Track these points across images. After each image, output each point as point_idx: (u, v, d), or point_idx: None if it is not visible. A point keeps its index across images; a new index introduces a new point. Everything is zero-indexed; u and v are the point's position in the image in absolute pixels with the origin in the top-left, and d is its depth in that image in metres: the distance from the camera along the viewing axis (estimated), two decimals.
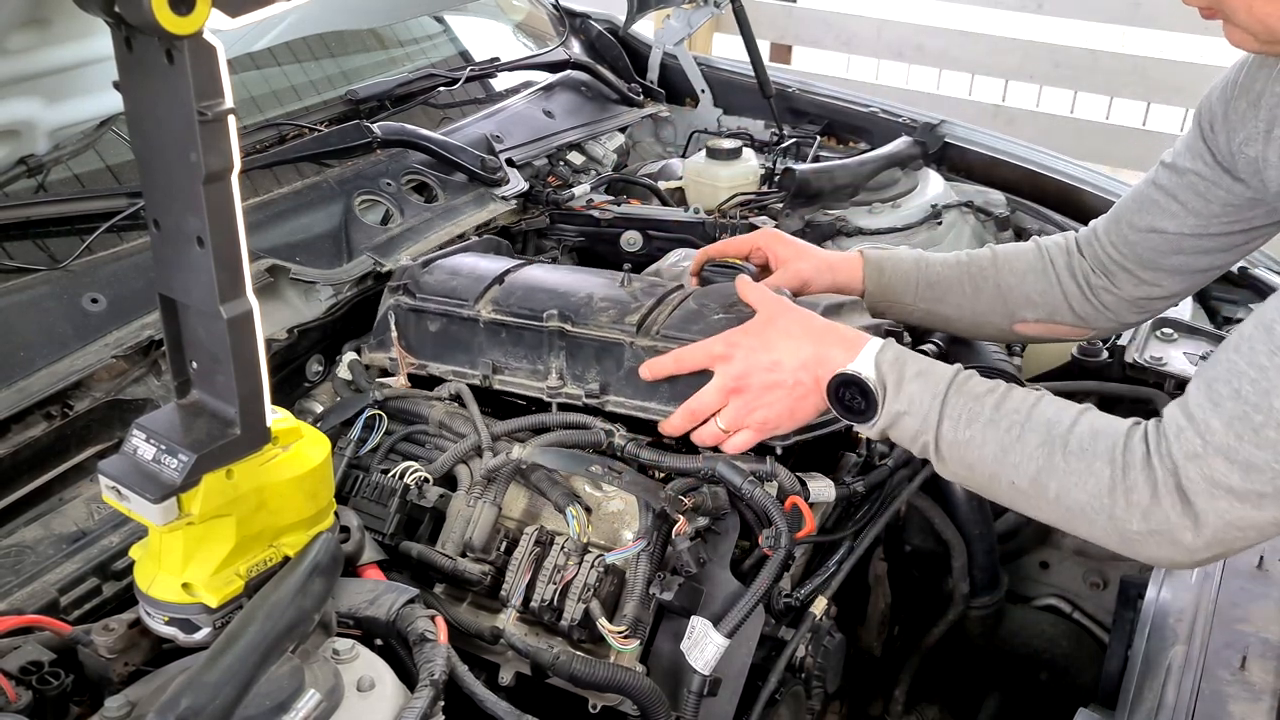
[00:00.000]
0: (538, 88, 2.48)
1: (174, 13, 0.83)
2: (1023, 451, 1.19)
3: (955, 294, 1.64)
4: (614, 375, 1.50)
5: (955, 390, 1.24)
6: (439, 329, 1.61)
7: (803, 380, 1.32)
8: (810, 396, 1.33)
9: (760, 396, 1.34)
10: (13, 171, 1.56)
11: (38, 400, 1.34)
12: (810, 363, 1.32)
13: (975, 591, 1.89)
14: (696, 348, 1.40)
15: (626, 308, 1.52)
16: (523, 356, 1.56)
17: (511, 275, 1.63)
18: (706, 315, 1.49)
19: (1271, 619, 1.30)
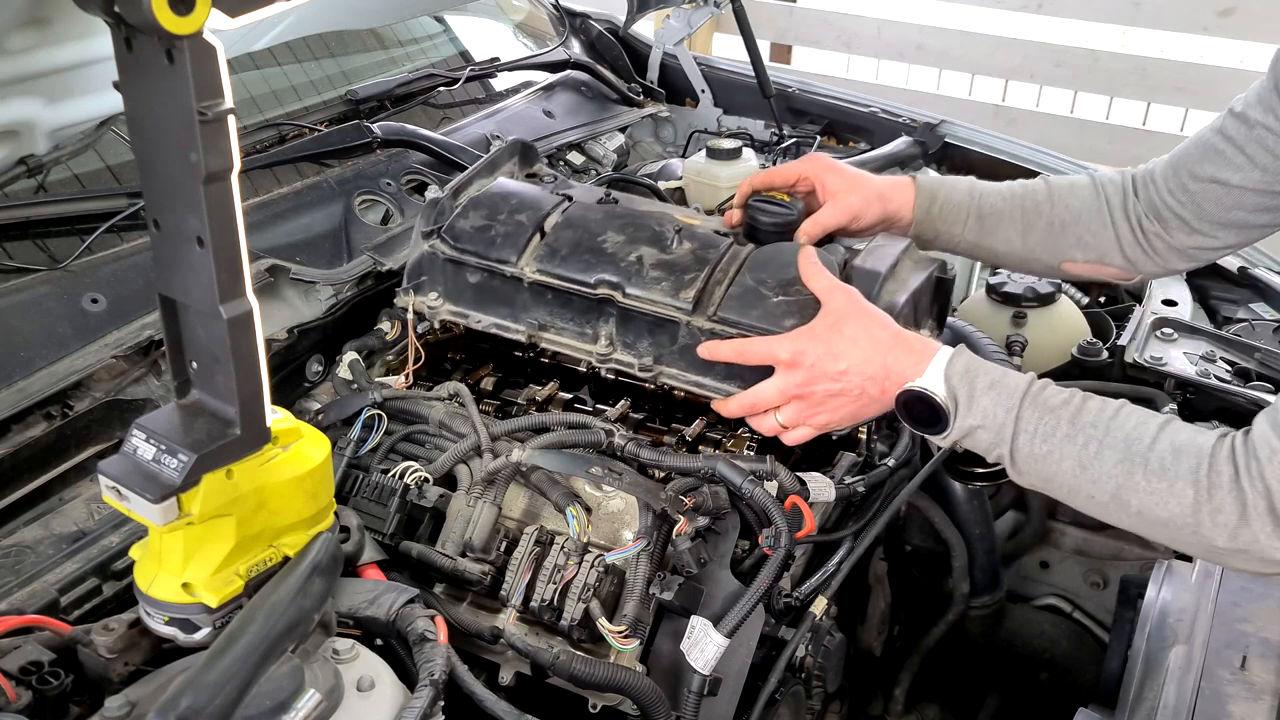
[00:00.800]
0: (538, 88, 2.48)
1: (174, 13, 0.83)
2: (1101, 468, 1.17)
3: (1006, 228, 1.59)
4: (667, 349, 1.46)
5: (1029, 403, 1.21)
6: (479, 281, 1.56)
7: (869, 391, 1.31)
8: (875, 404, 1.32)
9: (824, 403, 1.33)
10: (13, 171, 1.56)
11: (38, 400, 1.34)
12: (878, 375, 1.29)
13: (975, 591, 1.89)
14: (761, 346, 1.37)
15: (681, 279, 1.47)
16: (570, 319, 1.52)
17: (553, 224, 1.57)
18: (765, 297, 1.44)
19: (1272, 619, 1.30)
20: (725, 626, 1.27)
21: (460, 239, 1.57)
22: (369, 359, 1.75)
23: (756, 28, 2.75)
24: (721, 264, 1.49)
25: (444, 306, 1.61)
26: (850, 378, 1.30)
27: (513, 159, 1.85)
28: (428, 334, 1.82)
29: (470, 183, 1.72)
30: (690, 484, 1.40)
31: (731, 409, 1.40)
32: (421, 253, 1.61)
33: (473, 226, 1.59)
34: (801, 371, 1.32)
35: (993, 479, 1.69)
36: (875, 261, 1.52)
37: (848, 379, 1.30)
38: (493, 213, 1.61)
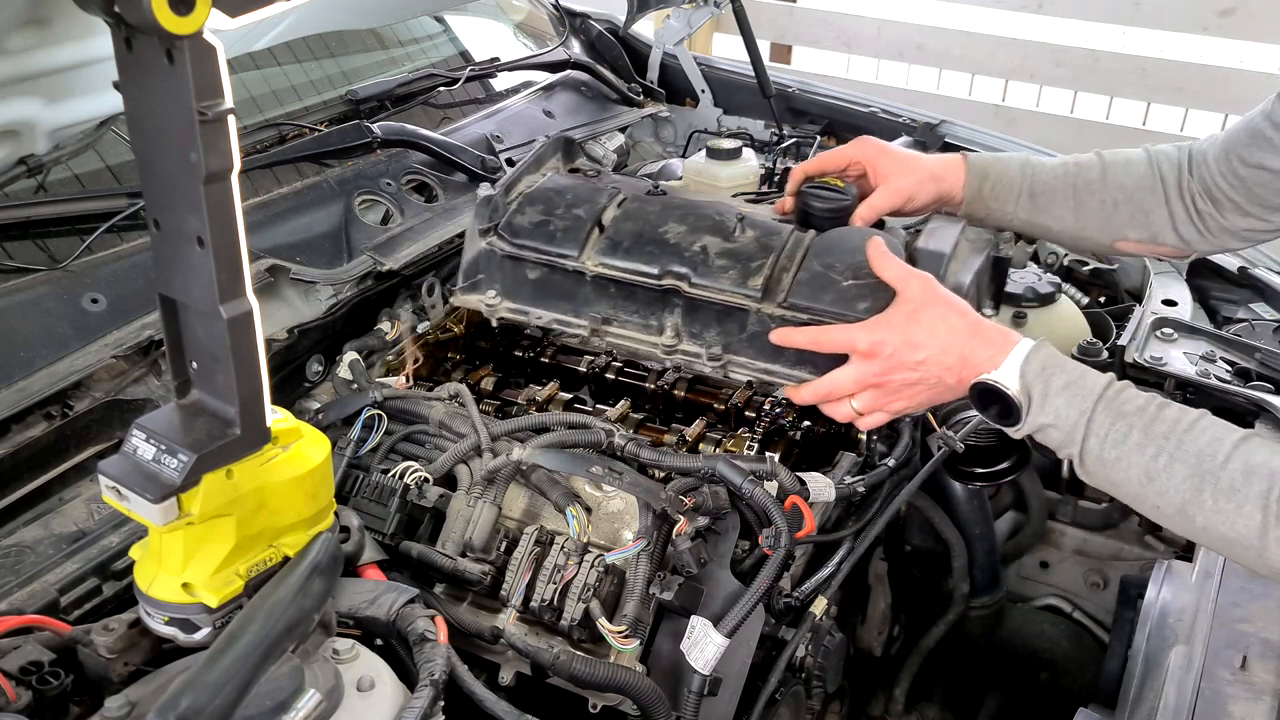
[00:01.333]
0: (538, 88, 2.48)
1: (174, 13, 0.83)
2: (1169, 481, 1.15)
3: (1059, 205, 1.58)
4: (736, 337, 1.44)
5: (1104, 407, 1.19)
6: (540, 277, 1.54)
7: (945, 380, 1.30)
8: (951, 392, 1.31)
9: (900, 391, 1.32)
10: (13, 171, 1.56)
11: (38, 400, 1.34)
12: (955, 365, 1.28)
13: (975, 591, 1.89)
14: (837, 334, 1.36)
15: (748, 267, 1.45)
16: (634, 311, 1.50)
17: (612, 217, 1.55)
18: (836, 282, 1.42)
19: (1272, 619, 1.29)
20: (725, 626, 1.27)
21: (519, 234, 1.55)
22: (369, 359, 1.75)
23: (756, 28, 2.75)
24: (786, 250, 1.46)
25: (502, 304, 1.59)
26: (928, 367, 1.29)
27: (556, 154, 1.85)
28: (428, 334, 1.82)
29: (519, 180, 1.71)
30: (690, 484, 1.40)
31: (805, 396, 1.39)
32: (478, 250, 1.59)
33: (530, 222, 1.56)
34: (879, 361, 1.31)
35: (993, 479, 1.69)
36: (938, 243, 1.49)
37: (925, 368, 1.29)
38: (549, 208, 1.59)
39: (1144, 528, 2.04)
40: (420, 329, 1.80)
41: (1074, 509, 2.06)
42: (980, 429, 1.60)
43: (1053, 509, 2.07)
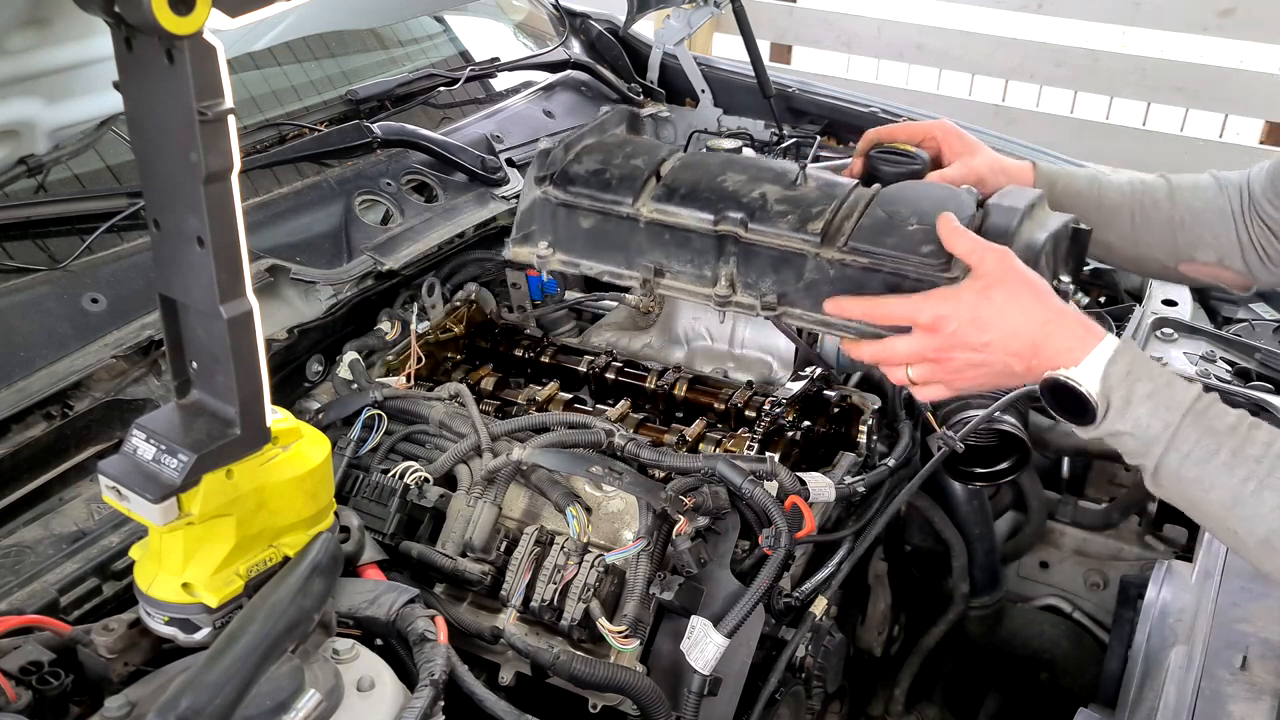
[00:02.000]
0: (538, 88, 2.48)
1: (174, 13, 0.83)
2: (1256, 509, 1.08)
3: (1123, 222, 1.53)
4: (793, 286, 1.38)
5: (1192, 422, 1.11)
6: (593, 226, 1.50)
7: (1012, 365, 1.20)
8: (1017, 378, 1.22)
9: (961, 371, 1.23)
10: (13, 171, 1.56)
11: (38, 400, 1.34)
12: (1026, 352, 1.18)
13: (975, 591, 1.89)
14: (896, 306, 1.27)
15: (808, 212, 1.39)
16: (688, 260, 1.44)
17: (671, 166, 1.52)
18: (899, 225, 1.35)
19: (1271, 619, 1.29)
20: (725, 626, 1.27)
21: (574, 183, 1.51)
22: (369, 359, 1.75)
23: (756, 28, 2.75)
24: (849, 200, 1.41)
25: (555, 256, 1.54)
26: (993, 350, 1.19)
27: (621, 124, 1.82)
28: (428, 334, 1.82)
29: (579, 141, 1.70)
30: (690, 484, 1.40)
31: (863, 354, 1.31)
32: (532, 200, 1.54)
33: (587, 170, 1.52)
34: (940, 337, 1.21)
35: (993, 479, 1.69)
36: (1013, 199, 1.42)
37: (990, 351, 1.20)
38: (607, 159, 1.54)
39: (1144, 528, 2.04)
40: (420, 329, 1.80)
41: (1074, 509, 2.06)
42: (980, 429, 1.60)
43: (1053, 509, 2.07)
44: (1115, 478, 2.14)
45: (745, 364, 1.84)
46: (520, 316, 2.03)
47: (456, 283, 1.97)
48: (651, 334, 1.94)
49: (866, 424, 1.71)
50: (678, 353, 1.89)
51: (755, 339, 1.84)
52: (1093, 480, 2.15)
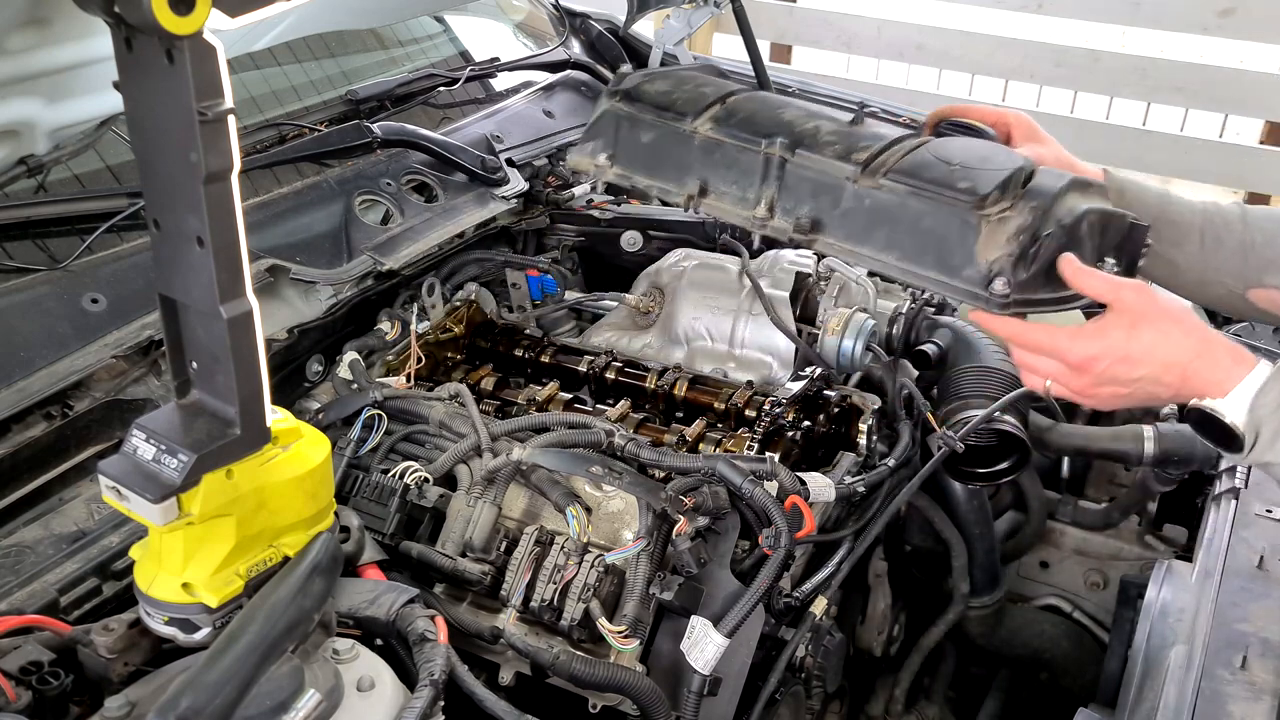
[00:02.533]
0: (538, 88, 2.48)
1: (174, 13, 0.83)
2: None
3: (1193, 241, 1.47)
4: (830, 213, 1.38)
5: None
6: (651, 141, 1.52)
7: (1159, 395, 1.19)
8: (1162, 403, 1.22)
9: (1104, 400, 1.22)
10: (13, 171, 1.56)
11: (38, 400, 1.34)
12: (1174, 382, 1.17)
13: (975, 591, 1.89)
14: (1045, 338, 1.22)
15: (855, 145, 1.39)
16: (733, 181, 1.45)
17: (737, 97, 1.53)
18: (942, 166, 1.33)
19: (1271, 619, 1.29)
20: (725, 626, 1.27)
21: (642, 100, 1.53)
22: (369, 359, 1.75)
23: (756, 28, 2.75)
24: (900, 143, 1.40)
25: (611, 169, 1.55)
26: (1143, 384, 1.18)
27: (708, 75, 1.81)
28: (428, 334, 1.82)
29: (659, 72, 1.69)
30: (690, 484, 1.40)
31: (997, 328, 1.27)
32: (601, 112, 1.56)
33: (657, 90, 1.55)
34: (1089, 376, 1.19)
35: (993, 479, 1.69)
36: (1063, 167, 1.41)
37: (1139, 385, 1.18)
38: (679, 84, 1.57)
39: (1144, 528, 2.04)
40: (420, 329, 1.80)
41: (1074, 509, 2.06)
42: (980, 429, 1.60)
43: (1053, 509, 2.07)
44: (1115, 478, 2.14)
45: (745, 364, 1.84)
46: (520, 316, 2.03)
47: (456, 283, 1.97)
48: (651, 334, 1.94)
49: (866, 424, 1.71)
50: (678, 353, 1.89)
51: (755, 339, 1.84)
52: (1093, 480, 2.15)
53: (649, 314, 1.96)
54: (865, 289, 1.84)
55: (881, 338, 1.83)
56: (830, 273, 1.86)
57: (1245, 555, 1.40)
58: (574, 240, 2.16)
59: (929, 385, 1.78)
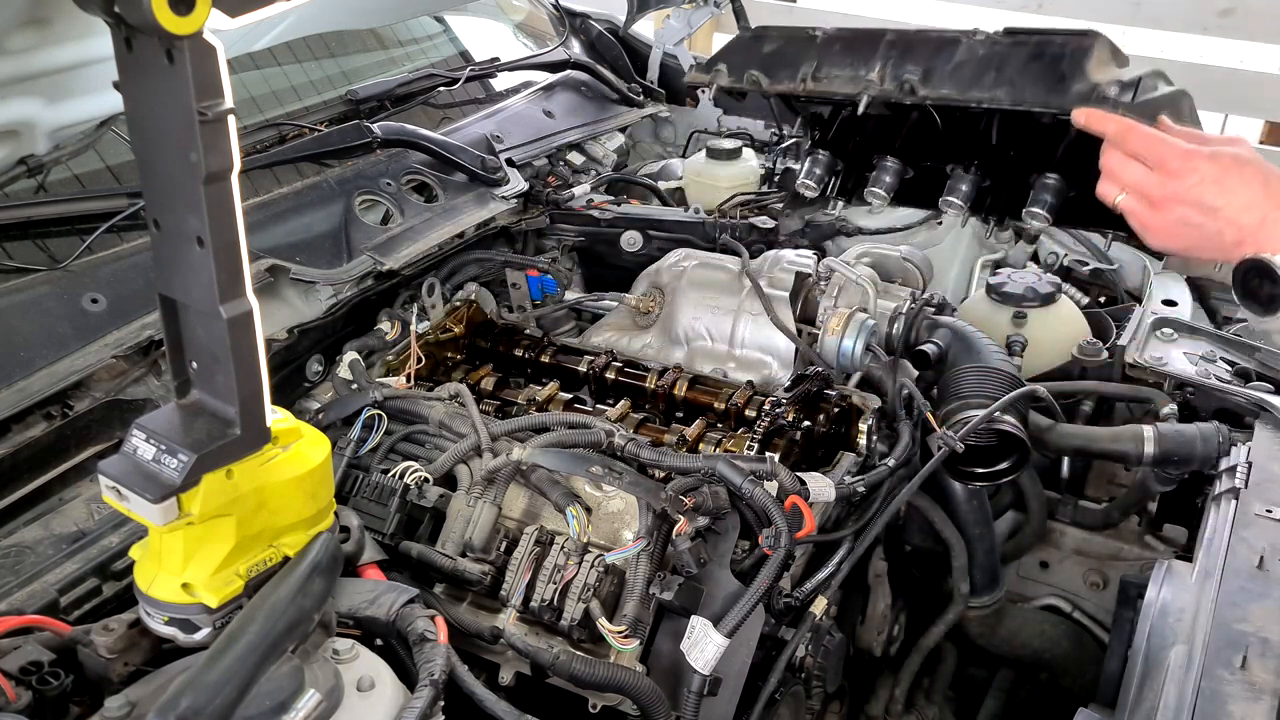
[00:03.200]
0: (538, 88, 2.48)
1: (174, 13, 0.83)
2: None
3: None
4: (941, 69, 1.44)
5: None
6: (773, 49, 1.58)
7: (1225, 236, 1.18)
8: (1218, 251, 1.20)
9: (1170, 226, 1.22)
10: (13, 171, 1.56)
11: (38, 400, 1.34)
12: (1250, 226, 1.16)
13: (975, 591, 1.89)
14: (1152, 139, 1.23)
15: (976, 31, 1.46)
16: (846, 64, 1.51)
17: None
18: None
19: (1271, 619, 1.29)
20: (725, 626, 1.27)
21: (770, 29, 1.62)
22: (369, 359, 1.75)
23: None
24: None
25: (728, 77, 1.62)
26: (1218, 217, 1.18)
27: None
28: (428, 334, 1.82)
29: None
30: (690, 484, 1.40)
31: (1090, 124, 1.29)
32: (731, 40, 1.64)
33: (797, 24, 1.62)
34: (1177, 184, 1.19)
35: (993, 479, 1.69)
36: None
37: (1215, 217, 1.18)
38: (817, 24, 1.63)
39: (1144, 528, 2.04)
40: (420, 329, 1.80)
41: (1074, 509, 2.06)
42: (980, 429, 1.60)
43: (1053, 509, 2.07)
44: (1115, 478, 2.14)
45: (745, 364, 1.84)
46: (520, 316, 2.03)
47: (456, 283, 1.97)
48: (651, 334, 1.94)
49: (866, 424, 1.71)
50: (678, 353, 1.89)
51: (755, 339, 1.84)
52: (1093, 480, 2.14)
53: (649, 314, 1.96)
54: (865, 289, 1.84)
55: (881, 338, 1.83)
56: (830, 273, 1.86)
57: (1245, 555, 1.40)
58: (574, 240, 2.16)
59: (929, 385, 1.78)
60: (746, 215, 2.17)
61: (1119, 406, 2.05)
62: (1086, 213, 1.46)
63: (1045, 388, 1.82)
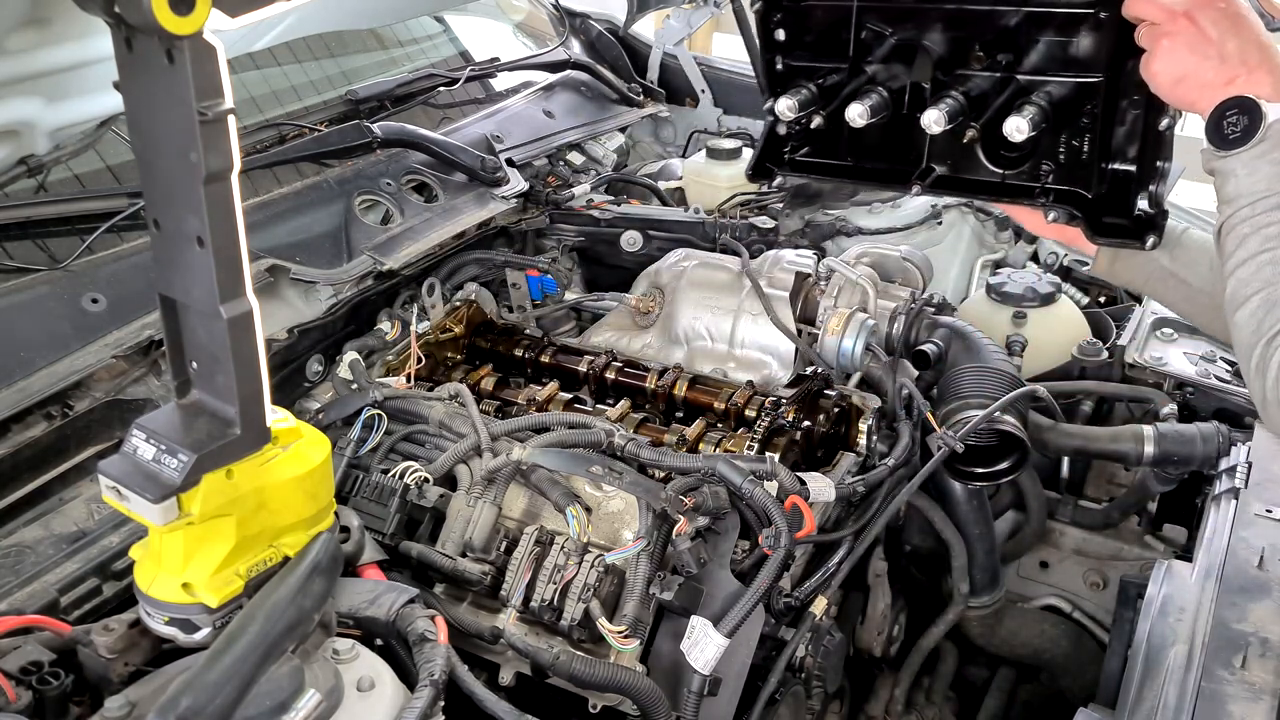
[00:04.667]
0: (538, 88, 2.48)
1: (174, 13, 0.83)
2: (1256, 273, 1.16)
3: (1203, 264, 1.52)
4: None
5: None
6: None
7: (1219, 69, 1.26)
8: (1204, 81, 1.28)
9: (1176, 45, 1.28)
10: (13, 171, 1.56)
11: (38, 400, 1.34)
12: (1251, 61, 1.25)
13: (975, 591, 1.89)
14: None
15: None
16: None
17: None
18: None
19: (1271, 619, 1.29)
20: (725, 626, 1.27)
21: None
22: (369, 359, 1.75)
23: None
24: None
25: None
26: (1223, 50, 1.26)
27: None
28: (428, 334, 1.82)
29: None
30: (690, 484, 1.40)
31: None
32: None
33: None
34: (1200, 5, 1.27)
35: (993, 479, 1.69)
36: None
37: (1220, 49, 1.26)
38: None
39: (1144, 528, 2.04)
40: (420, 329, 1.80)
41: (1074, 509, 2.06)
42: (980, 429, 1.60)
43: (1053, 509, 2.07)
44: (1115, 478, 2.14)
45: (745, 364, 1.84)
46: (520, 316, 2.03)
47: (456, 283, 1.97)
48: (651, 334, 1.94)
49: (866, 424, 1.71)
50: (678, 353, 1.89)
51: (755, 339, 1.84)
52: (1093, 480, 2.15)
53: (649, 314, 1.96)
54: (865, 289, 1.84)
55: (881, 338, 1.83)
56: (830, 273, 1.86)
57: (1245, 555, 1.40)
58: (574, 240, 2.16)
59: (929, 385, 1.79)
60: (746, 215, 2.17)
61: (1119, 406, 2.05)
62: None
63: (1045, 388, 1.82)
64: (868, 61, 1.57)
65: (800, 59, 1.63)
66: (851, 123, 1.50)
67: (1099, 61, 1.42)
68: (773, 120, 1.66)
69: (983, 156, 1.51)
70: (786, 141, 1.67)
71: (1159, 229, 1.45)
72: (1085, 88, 1.44)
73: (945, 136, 1.48)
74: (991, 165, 1.51)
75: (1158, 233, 1.44)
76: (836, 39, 1.60)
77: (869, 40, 1.56)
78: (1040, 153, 1.48)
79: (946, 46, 1.51)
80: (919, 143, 1.54)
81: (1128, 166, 1.48)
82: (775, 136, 1.67)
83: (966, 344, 1.81)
